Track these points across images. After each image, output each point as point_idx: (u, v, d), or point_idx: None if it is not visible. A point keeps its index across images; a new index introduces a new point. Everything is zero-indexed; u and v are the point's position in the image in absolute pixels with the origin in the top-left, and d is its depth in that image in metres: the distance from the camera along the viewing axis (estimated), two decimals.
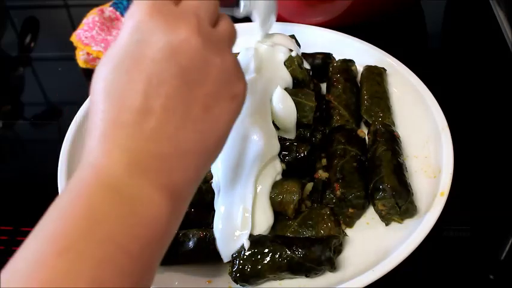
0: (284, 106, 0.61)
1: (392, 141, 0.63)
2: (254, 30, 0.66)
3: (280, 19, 0.83)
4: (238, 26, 0.41)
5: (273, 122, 0.61)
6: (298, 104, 0.61)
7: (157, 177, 0.36)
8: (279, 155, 0.60)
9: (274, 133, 0.60)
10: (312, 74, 0.68)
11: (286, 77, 0.64)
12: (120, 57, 0.38)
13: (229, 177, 0.57)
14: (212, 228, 0.57)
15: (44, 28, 1.00)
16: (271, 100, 0.61)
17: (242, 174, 0.57)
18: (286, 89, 0.62)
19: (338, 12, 0.82)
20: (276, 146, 0.59)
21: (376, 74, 0.71)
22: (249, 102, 0.60)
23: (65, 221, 0.33)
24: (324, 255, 0.54)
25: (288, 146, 0.60)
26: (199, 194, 0.59)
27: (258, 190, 0.57)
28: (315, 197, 0.61)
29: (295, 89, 0.64)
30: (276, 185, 0.58)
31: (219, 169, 0.58)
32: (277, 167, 0.59)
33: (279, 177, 0.59)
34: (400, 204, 0.57)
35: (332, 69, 0.72)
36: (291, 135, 0.62)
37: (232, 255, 0.55)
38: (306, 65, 0.68)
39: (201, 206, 0.60)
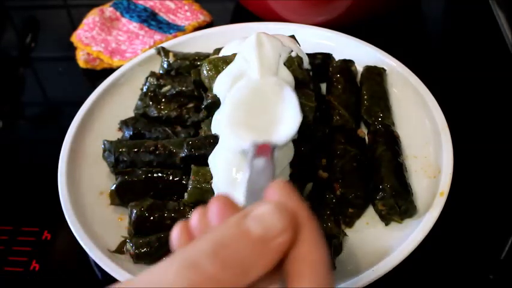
0: None
1: (392, 141, 0.63)
2: (253, 31, 0.66)
3: (280, 19, 0.83)
4: (236, 27, 0.40)
5: None
6: None
7: None
8: None
9: None
10: (312, 74, 0.68)
11: (287, 78, 0.63)
12: None
13: (229, 177, 0.57)
14: None
15: (44, 28, 1.00)
16: None
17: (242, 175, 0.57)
18: None
19: (338, 12, 0.82)
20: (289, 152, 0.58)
21: (376, 74, 0.71)
22: None
23: None
24: None
25: None
26: (199, 194, 0.60)
27: None
28: (315, 197, 0.61)
29: (295, 90, 0.63)
30: None
31: (218, 170, 0.58)
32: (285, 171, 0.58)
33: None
34: (400, 204, 0.57)
35: (332, 69, 0.72)
36: None
37: None
38: (306, 65, 0.68)
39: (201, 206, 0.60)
